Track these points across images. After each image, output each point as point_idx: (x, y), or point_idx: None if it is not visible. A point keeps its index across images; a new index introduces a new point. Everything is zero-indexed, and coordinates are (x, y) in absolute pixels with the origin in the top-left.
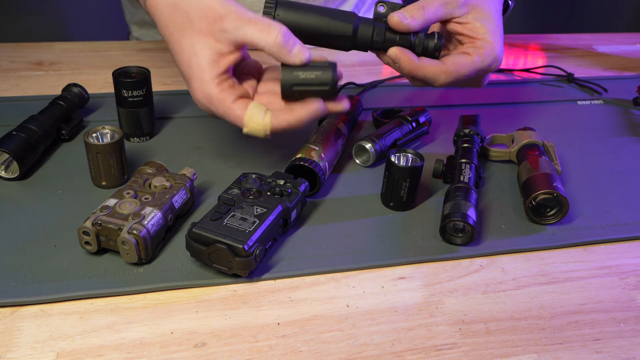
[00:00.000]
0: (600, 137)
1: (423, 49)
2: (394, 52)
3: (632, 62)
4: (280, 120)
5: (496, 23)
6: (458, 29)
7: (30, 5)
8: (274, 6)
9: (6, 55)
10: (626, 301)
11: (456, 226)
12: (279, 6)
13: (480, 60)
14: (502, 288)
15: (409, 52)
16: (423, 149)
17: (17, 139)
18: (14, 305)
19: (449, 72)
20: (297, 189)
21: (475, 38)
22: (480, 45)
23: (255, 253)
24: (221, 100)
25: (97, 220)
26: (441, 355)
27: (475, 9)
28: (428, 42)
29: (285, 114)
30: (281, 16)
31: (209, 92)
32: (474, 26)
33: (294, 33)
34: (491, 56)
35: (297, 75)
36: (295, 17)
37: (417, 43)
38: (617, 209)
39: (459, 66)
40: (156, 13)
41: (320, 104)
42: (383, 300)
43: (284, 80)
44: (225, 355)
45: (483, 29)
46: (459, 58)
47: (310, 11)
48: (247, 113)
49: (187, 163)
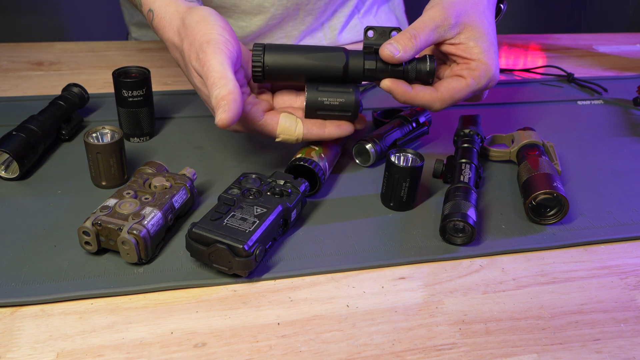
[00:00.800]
0: (600, 137)
1: (417, 74)
2: (386, 84)
3: (632, 62)
4: (312, 133)
5: (489, 40)
6: (451, 50)
7: (30, 5)
8: (261, 52)
9: (6, 55)
10: (626, 301)
11: (456, 226)
12: (267, 51)
13: (475, 83)
14: (502, 288)
15: (402, 82)
16: (423, 149)
17: (17, 139)
18: (14, 305)
19: (444, 99)
20: (297, 189)
21: (469, 59)
22: (474, 67)
23: (255, 253)
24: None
25: (97, 220)
26: (441, 355)
27: (467, 28)
28: (421, 66)
29: (317, 129)
30: (269, 61)
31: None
32: (467, 46)
33: (285, 75)
34: (486, 77)
35: (322, 101)
36: (283, 61)
37: (409, 69)
38: (617, 209)
39: (454, 92)
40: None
41: (351, 127)
42: (383, 300)
43: (308, 104)
44: (225, 355)
45: (477, 48)
46: (453, 83)
47: (299, 53)
48: (280, 125)
49: (187, 163)
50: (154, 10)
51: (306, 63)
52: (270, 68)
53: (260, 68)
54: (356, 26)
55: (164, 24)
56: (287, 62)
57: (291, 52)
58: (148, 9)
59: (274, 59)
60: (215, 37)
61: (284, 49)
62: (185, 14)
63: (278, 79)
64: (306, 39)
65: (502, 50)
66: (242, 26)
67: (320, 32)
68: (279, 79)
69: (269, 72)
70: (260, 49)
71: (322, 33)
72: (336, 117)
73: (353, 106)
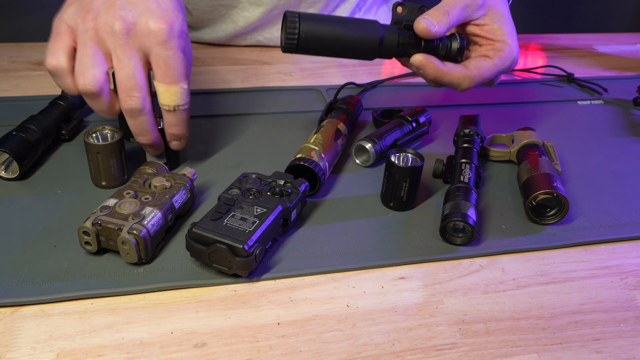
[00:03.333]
0: (600, 137)
1: (447, 51)
2: (418, 59)
3: (632, 62)
4: None
5: (511, 24)
6: (476, 31)
7: (30, 5)
8: (297, 20)
9: (6, 55)
10: (626, 301)
11: (456, 226)
12: (302, 20)
13: (501, 63)
14: (502, 288)
15: (434, 58)
16: (423, 149)
17: (17, 139)
18: (14, 305)
19: (473, 77)
20: (297, 189)
21: (494, 40)
22: (500, 48)
23: (255, 253)
24: None
25: (97, 220)
26: (441, 355)
27: (492, 11)
28: (451, 44)
29: None
30: (305, 30)
31: None
32: (492, 28)
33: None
34: (510, 58)
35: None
36: (319, 31)
37: (441, 47)
38: (617, 209)
39: (483, 70)
40: None
41: None
42: (383, 300)
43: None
44: (225, 355)
45: (500, 30)
46: (481, 62)
47: (335, 24)
48: None
49: (187, 163)
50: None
51: (343, 35)
52: (307, 37)
53: (295, 37)
54: None
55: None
56: (323, 33)
57: (327, 22)
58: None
59: (310, 28)
60: None
61: (320, 20)
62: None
63: (310, 51)
64: None
65: None
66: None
67: None
68: (311, 50)
69: (304, 42)
70: (296, 17)
71: None
72: None
73: None
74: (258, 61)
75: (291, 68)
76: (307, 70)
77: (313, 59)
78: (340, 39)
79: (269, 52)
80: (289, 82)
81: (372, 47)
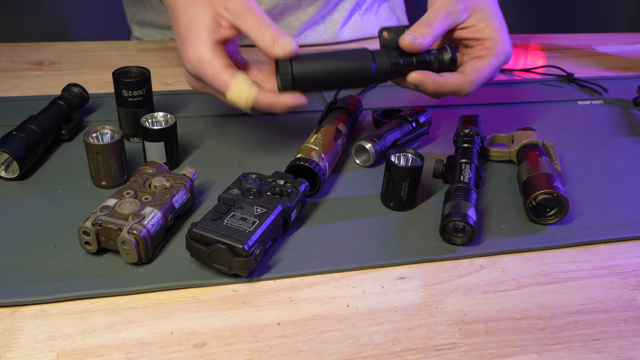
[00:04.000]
0: (600, 137)
1: (440, 64)
2: (415, 77)
3: (632, 62)
4: (265, 96)
5: (500, 19)
6: (464, 35)
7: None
8: (289, 63)
9: (6, 55)
10: (626, 301)
11: (456, 226)
12: (294, 62)
13: (495, 60)
14: (502, 288)
15: (429, 72)
16: (423, 149)
17: (17, 139)
18: (14, 305)
19: (472, 81)
20: (297, 189)
21: (484, 39)
22: (491, 45)
23: (255, 253)
24: (213, 63)
25: (97, 220)
26: (441, 355)
27: (477, 10)
28: (443, 56)
29: (272, 94)
30: (297, 71)
31: (202, 53)
32: (479, 27)
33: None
34: (503, 53)
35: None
36: (312, 68)
37: (432, 60)
38: (617, 209)
39: (480, 72)
40: None
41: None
42: (383, 300)
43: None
44: (225, 355)
45: (489, 28)
46: (476, 64)
47: (325, 60)
48: (236, 80)
49: (187, 163)
50: None
51: (335, 68)
52: (300, 77)
53: (290, 79)
54: (357, 23)
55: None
56: (315, 69)
57: (318, 59)
58: None
59: (302, 68)
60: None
61: (310, 58)
62: None
63: (307, 89)
64: (307, 31)
65: None
66: None
67: (321, 26)
68: (308, 87)
69: (299, 82)
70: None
71: (323, 26)
72: None
73: None
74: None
75: None
76: None
77: None
78: (333, 72)
79: None
80: None
81: (366, 74)
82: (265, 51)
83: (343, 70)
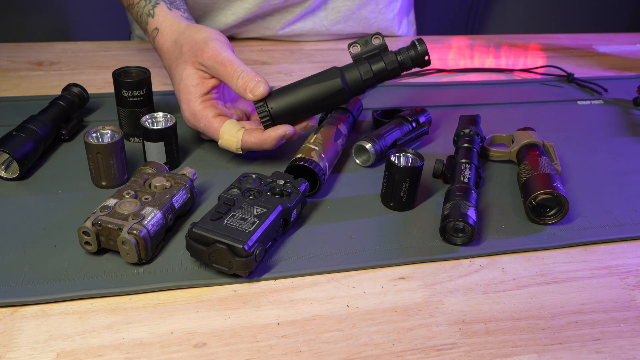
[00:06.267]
0: (600, 137)
1: (412, 61)
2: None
3: (632, 62)
4: (251, 137)
5: None
6: None
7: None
8: (264, 102)
9: (6, 55)
10: (626, 301)
11: (456, 226)
12: (268, 99)
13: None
14: (502, 288)
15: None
16: (423, 149)
17: (17, 139)
18: (14, 305)
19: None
20: (297, 189)
21: None
22: None
23: (255, 253)
24: (203, 115)
25: (97, 220)
26: (441, 355)
27: None
28: (414, 53)
29: (258, 132)
30: (274, 107)
31: (193, 108)
32: None
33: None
34: None
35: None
36: (287, 101)
37: (404, 59)
38: (617, 209)
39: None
40: (162, 49)
41: (288, 128)
42: (383, 300)
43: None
44: (225, 355)
45: None
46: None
47: (297, 87)
48: (223, 127)
49: (187, 163)
50: (159, 28)
51: (307, 93)
52: (277, 112)
53: (268, 117)
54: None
55: (165, 39)
56: (290, 101)
57: (290, 89)
58: (154, 27)
59: (277, 103)
60: (216, 37)
61: (283, 91)
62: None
63: (288, 121)
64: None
65: (502, 50)
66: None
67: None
68: (289, 120)
69: (278, 116)
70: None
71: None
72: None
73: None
74: (258, 61)
75: (291, 68)
76: (307, 70)
77: (313, 59)
78: (308, 98)
79: (269, 52)
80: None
81: (340, 92)
82: (241, 96)
83: (317, 94)
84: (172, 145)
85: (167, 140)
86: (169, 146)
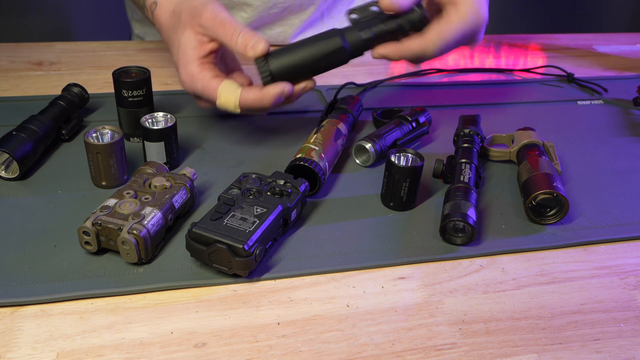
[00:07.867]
0: (600, 137)
1: (411, 25)
2: (378, 52)
3: (632, 62)
4: (249, 94)
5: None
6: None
7: (31, 5)
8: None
9: (6, 55)
10: (626, 301)
11: (456, 226)
12: (269, 57)
13: (461, 21)
14: (502, 288)
15: (390, 43)
16: (423, 149)
17: (17, 139)
18: (14, 305)
19: (434, 41)
20: (297, 189)
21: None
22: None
23: (255, 253)
24: (201, 77)
25: (97, 220)
26: (441, 355)
27: None
28: (411, 16)
29: (256, 89)
30: (275, 65)
31: (191, 70)
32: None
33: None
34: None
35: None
36: (287, 60)
37: (403, 23)
38: (617, 209)
39: (442, 32)
40: (160, 22)
41: (287, 85)
42: (383, 300)
43: None
44: (225, 355)
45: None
46: (440, 26)
47: (297, 47)
48: (221, 85)
49: (187, 163)
50: (157, 1)
51: (307, 51)
52: (278, 70)
53: (268, 74)
54: None
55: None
56: (291, 60)
57: (292, 49)
58: (152, 1)
59: (278, 61)
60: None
61: (284, 49)
62: None
63: (288, 79)
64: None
65: (502, 50)
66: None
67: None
68: (288, 77)
69: (278, 75)
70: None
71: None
72: None
73: None
74: None
75: None
76: None
77: None
78: (309, 57)
79: None
80: None
81: (340, 52)
82: (240, 55)
83: (317, 53)
84: (172, 145)
85: (167, 140)
86: (169, 146)
